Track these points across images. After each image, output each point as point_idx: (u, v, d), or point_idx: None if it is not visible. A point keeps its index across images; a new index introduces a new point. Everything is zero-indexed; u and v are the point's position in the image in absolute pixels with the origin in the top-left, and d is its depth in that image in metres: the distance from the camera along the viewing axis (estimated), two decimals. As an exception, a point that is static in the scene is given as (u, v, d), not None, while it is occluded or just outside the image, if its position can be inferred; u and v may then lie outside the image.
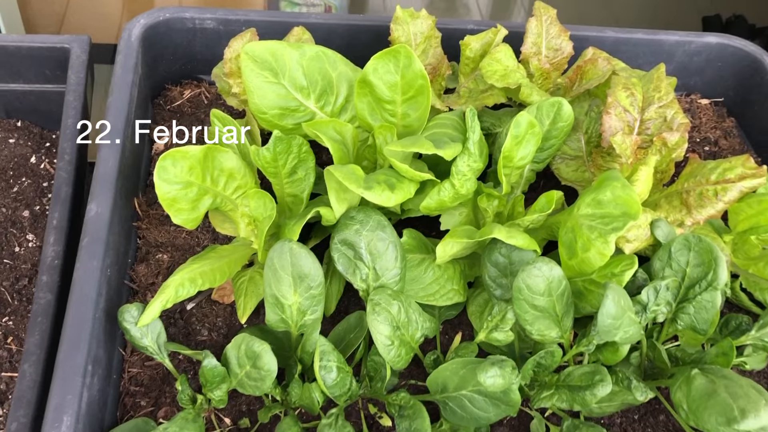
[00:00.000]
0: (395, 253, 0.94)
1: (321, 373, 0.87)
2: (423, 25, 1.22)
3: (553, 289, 0.89)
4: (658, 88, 1.12)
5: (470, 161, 0.94)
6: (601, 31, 1.40)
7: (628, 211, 0.91)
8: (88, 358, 0.84)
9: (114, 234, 0.97)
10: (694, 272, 0.97)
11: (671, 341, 1.05)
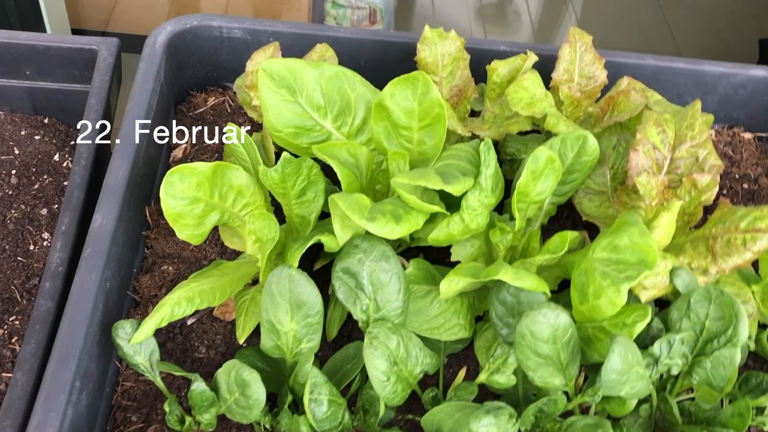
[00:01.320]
0: (398, 286, 0.91)
1: (311, 407, 0.85)
2: (451, 47, 1.19)
3: (558, 337, 0.85)
4: (692, 126, 1.07)
5: (481, 196, 0.91)
6: (640, 59, 1.35)
7: (645, 259, 0.86)
8: (76, 374, 0.83)
9: (117, 246, 0.97)
10: (714, 326, 0.92)
11: (687, 392, 1.00)
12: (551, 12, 3.47)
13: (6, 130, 1.38)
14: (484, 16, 3.53)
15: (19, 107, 1.40)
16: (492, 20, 3.39)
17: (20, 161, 1.34)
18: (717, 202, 1.10)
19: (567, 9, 3.41)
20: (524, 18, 3.34)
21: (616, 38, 3.25)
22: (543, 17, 3.36)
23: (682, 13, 3.40)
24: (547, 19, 3.39)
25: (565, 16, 3.38)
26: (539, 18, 3.35)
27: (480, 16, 3.53)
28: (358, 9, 2.68)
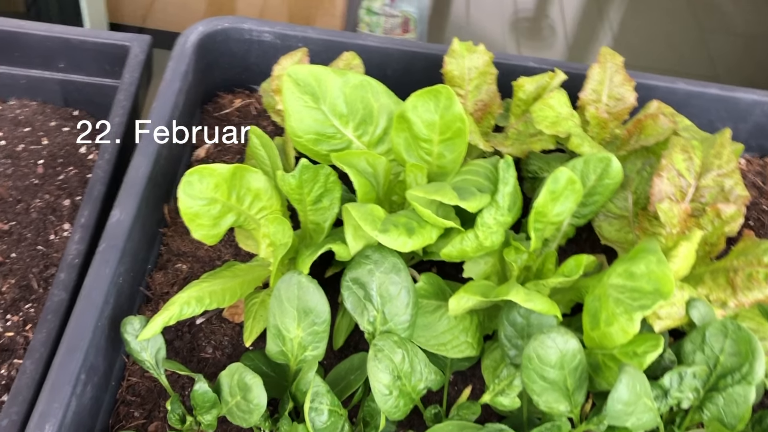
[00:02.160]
0: (407, 299, 0.90)
1: (311, 415, 0.84)
2: (479, 61, 1.18)
3: (566, 363, 0.84)
4: (720, 154, 1.05)
5: (497, 214, 0.90)
6: (672, 83, 1.33)
7: (661, 288, 0.84)
8: (82, 367, 0.83)
9: (133, 242, 0.97)
10: (729, 361, 0.89)
11: (697, 426, 0.98)
12: (587, 28, 3.44)
13: (36, 120, 1.40)
14: (519, 30, 3.51)
15: (51, 99, 1.42)
16: (526, 34, 3.37)
17: (47, 152, 1.36)
18: (741, 234, 1.07)
19: (603, 26, 3.38)
20: (559, 33, 3.32)
21: (653, 59, 3.21)
22: (578, 33, 3.33)
23: (722, 37, 3.34)
24: (582, 35, 3.36)
25: (601, 33, 3.35)
26: (574, 34, 3.32)
27: (514, 29, 3.51)
28: (391, 17, 2.68)
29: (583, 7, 3.54)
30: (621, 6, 3.59)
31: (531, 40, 3.48)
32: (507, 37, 3.48)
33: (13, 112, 1.40)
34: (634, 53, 3.26)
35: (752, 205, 1.31)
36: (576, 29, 3.37)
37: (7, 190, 1.29)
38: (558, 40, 3.33)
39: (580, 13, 3.48)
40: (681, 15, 3.49)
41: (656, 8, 3.58)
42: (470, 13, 3.65)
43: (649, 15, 3.52)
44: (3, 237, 1.23)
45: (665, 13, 3.51)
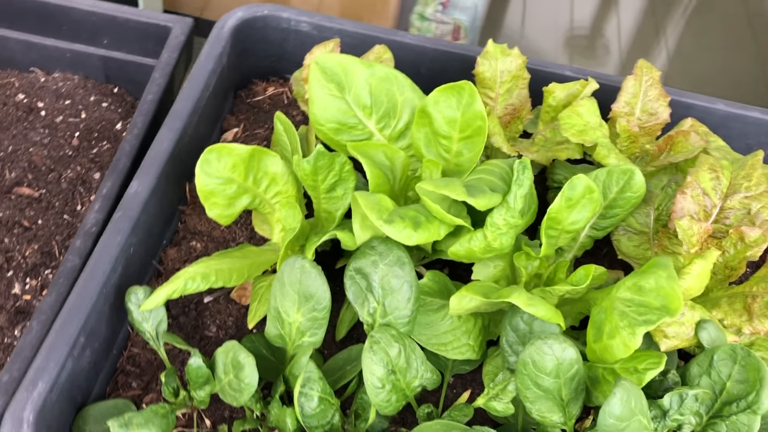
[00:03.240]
0: (409, 294, 0.89)
1: (300, 400, 0.84)
2: (512, 64, 1.17)
3: (561, 372, 0.82)
4: (749, 176, 1.01)
5: (508, 216, 0.88)
6: (711, 102, 1.29)
7: (668, 305, 0.82)
8: (82, 330, 0.85)
9: (148, 214, 0.99)
10: (735, 388, 0.86)
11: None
12: (642, 49, 3.37)
13: (77, 94, 1.44)
14: (573, 46, 3.46)
15: (93, 74, 1.45)
16: (580, 51, 3.32)
17: (84, 125, 1.39)
18: (765, 260, 1.03)
19: (659, 47, 3.32)
20: (613, 52, 3.26)
21: (706, 82, 3.14)
22: (632, 54, 3.27)
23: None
24: (636, 55, 3.30)
25: (656, 54, 3.29)
26: (629, 54, 3.27)
27: (568, 46, 3.47)
28: (442, 24, 2.68)
29: (640, 27, 3.48)
30: (679, 26, 3.52)
31: (584, 57, 3.42)
32: (560, 53, 3.44)
33: (56, 84, 1.44)
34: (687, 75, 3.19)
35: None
36: (631, 49, 3.31)
37: (42, 159, 1.33)
38: (612, 60, 3.28)
39: (636, 33, 3.43)
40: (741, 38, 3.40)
41: (717, 33, 3.49)
42: (525, 26, 3.62)
43: (709, 39, 3.44)
44: (32, 204, 1.26)
45: (726, 40, 3.43)
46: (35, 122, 1.38)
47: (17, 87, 1.43)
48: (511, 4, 3.62)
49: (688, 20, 3.63)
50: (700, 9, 3.63)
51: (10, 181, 1.28)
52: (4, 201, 1.25)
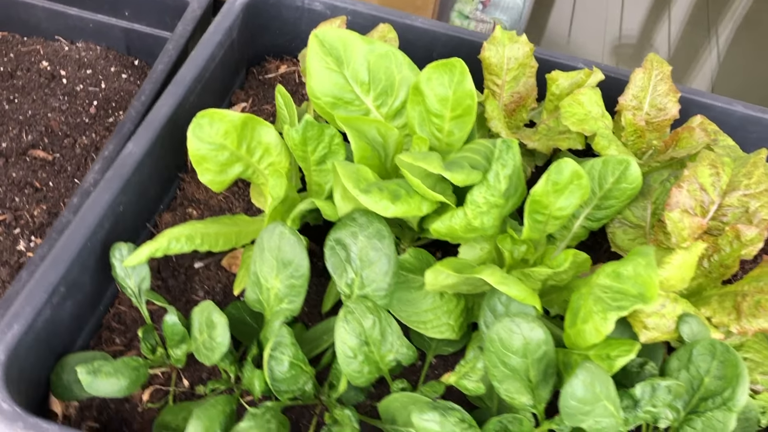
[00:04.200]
0: (386, 267, 0.89)
1: (270, 363, 0.85)
2: (519, 51, 1.16)
3: (529, 352, 0.81)
4: (750, 174, 0.99)
5: (488, 194, 0.87)
6: (729, 104, 1.26)
7: (645, 293, 0.80)
8: (62, 280, 0.87)
9: (142, 176, 1.00)
10: (713, 384, 0.84)
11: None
12: (691, 59, 3.30)
13: (98, 64, 1.47)
14: (619, 54, 3.41)
15: (115, 45, 1.49)
16: (626, 59, 3.27)
17: (103, 95, 1.43)
18: (761, 260, 1.00)
19: (709, 56, 3.24)
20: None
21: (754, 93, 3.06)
22: (681, 64, 3.21)
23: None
24: (685, 66, 3.24)
25: (705, 62, 3.22)
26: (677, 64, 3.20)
27: (615, 53, 3.42)
28: (482, 23, 2.66)
29: (690, 38, 3.41)
30: (729, 38, 3.44)
31: (630, 66, 3.37)
32: (606, 60, 3.39)
33: (78, 54, 1.48)
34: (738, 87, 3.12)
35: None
36: (679, 59, 3.25)
37: (59, 125, 1.36)
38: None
39: (686, 44, 3.36)
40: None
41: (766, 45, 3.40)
42: (572, 31, 3.58)
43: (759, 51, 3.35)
44: (45, 166, 1.30)
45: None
46: (56, 89, 1.42)
47: (42, 54, 1.47)
48: (559, 9, 3.58)
49: (739, 32, 3.54)
50: (750, 21, 3.55)
51: (26, 143, 1.32)
52: (19, 162, 1.29)
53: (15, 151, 1.31)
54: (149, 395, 0.92)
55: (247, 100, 1.28)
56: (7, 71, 1.44)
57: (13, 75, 1.44)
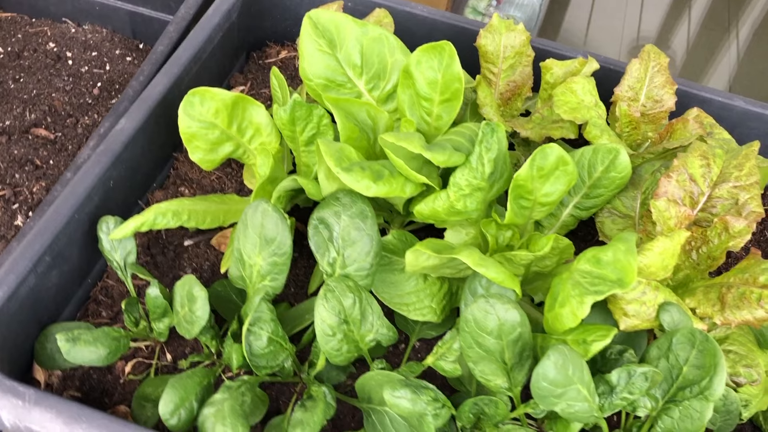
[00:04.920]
0: (369, 248, 0.89)
1: (248, 338, 0.85)
2: (516, 40, 1.16)
3: (504, 333, 0.80)
4: (741, 166, 0.98)
5: (470, 176, 0.87)
6: (729, 98, 1.25)
7: (623, 278, 0.80)
8: (48, 250, 0.88)
9: (134, 153, 1.02)
10: (691, 373, 0.83)
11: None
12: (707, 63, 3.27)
13: (104, 47, 1.49)
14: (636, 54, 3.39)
15: (120, 28, 1.50)
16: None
17: (107, 77, 1.44)
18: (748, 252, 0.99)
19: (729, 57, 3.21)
20: (678, 64, 3.18)
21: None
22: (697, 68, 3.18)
23: None
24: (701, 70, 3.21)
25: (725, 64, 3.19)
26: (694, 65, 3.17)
27: (632, 54, 3.39)
28: (497, 19, 2.65)
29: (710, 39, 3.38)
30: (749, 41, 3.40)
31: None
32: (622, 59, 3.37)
33: (85, 36, 1.49)
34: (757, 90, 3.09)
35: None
36: (696, 63, 3.22)
37: (62, 105, 1.38)
38: (674, 73, 3.19)
39: (705, 45, 3.33)
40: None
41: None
42: (590, 32, 3.56)
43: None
44: (47, 145, 1.31)
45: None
46: (61, 70, 1.44)
47: (49, 36, 1.50)
48: (578, 9, 3.56)
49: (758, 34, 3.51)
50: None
51: (29, 122, 1.34)
52: (21, 140, 1.31)
53: (18, 129, 1.32)
54: (131, 367, 0.93)
55: (246, 84, 1.29)
56: (15, 51, 1.46)
57: (20, 55, 1.46)
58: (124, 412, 0.88)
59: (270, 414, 0.92)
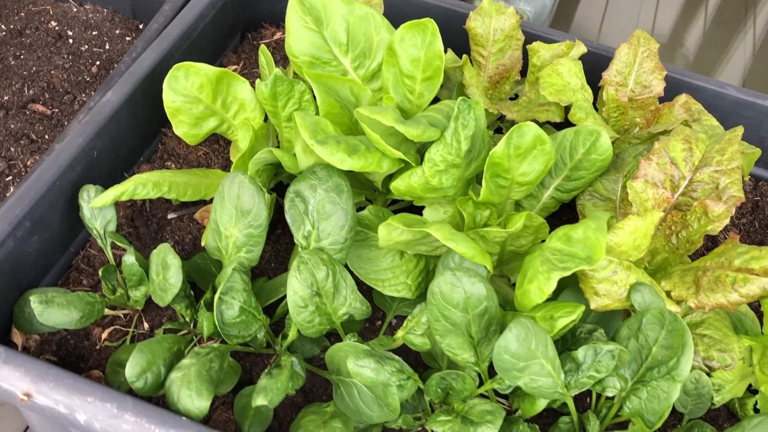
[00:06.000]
0: (343, 222, 0.90)
1: (220, 307, 0.86)
2: (506, 23, 1.16)
3: (470, 306, 0.81)
4: (723, 150, 0.97)
5: (445, 152, 0.87)
6: (722, 87, 1.24)
7: (592, 255, 0.80)
8: (28, 215, 0.89)
9: (119, 125, 1.03)
10: (660, 354, 0.83)
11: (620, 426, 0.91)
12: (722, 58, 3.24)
13: (104, 26, 1.51)
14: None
15: (121, 8, 1.52)
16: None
17: (106, 56, 1.46)
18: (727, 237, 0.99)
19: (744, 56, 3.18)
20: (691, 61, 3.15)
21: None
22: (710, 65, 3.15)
23: None
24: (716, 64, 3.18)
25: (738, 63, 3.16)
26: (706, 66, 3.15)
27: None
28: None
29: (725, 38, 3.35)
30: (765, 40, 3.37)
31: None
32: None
33: (86, 15, 1.51)
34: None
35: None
36: (710, 60, 3.19)
37: (61, 82, 1.40)
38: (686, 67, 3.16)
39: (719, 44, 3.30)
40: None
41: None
42: (603, 29, 3.54)
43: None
44: (43, 120, 1.33)
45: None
46: (62, 48, 1.46)
47: (51, 14, 1.52)
48: (592, 4, 3.54)
49: (775, 34, 3.47)
50: (787, 25, 3.47)
51: (27, 97, 1.36)
52: (18, 115, 1.33)
53: (15, 104, 1.34)
54: (108, 334, 0.94)
55: (239, 64, 1.30)
56: (17, 29, 1.48)
57: (22, 33, 1.48)
58: (97, 377, 0.89)
59: (244, 384, 0.93)
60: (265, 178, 1.00)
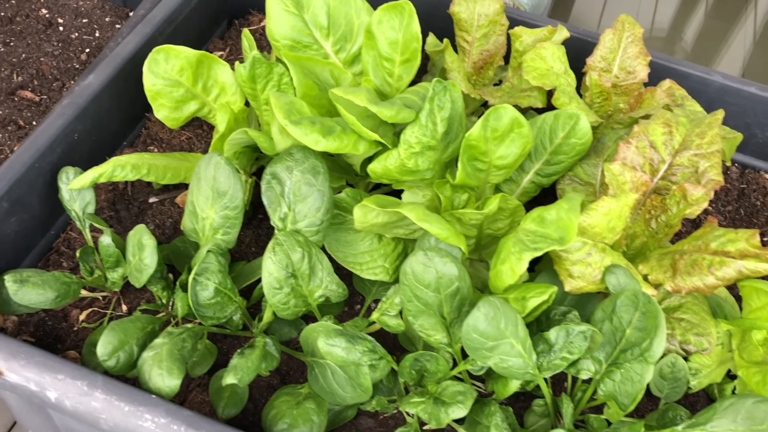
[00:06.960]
0: (319, 204, 0.90)
1: (194, 288, 0.86)
2: (490, 8, 1.15)
3: (442, 287, 0.81)
4: (703, 134, 0.97)
5: (419, 133, 0.87)
6: (707, 73, 1.23)
7: (564, 236, 0.80)
8: (5, 195, 0.90)
9: (100, 108, 1.03)
10: (633, 336, 0.83)
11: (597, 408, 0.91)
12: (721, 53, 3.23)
13: (95, 14, 1.51)
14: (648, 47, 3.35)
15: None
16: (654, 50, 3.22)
17: (96, 43, 1.46)
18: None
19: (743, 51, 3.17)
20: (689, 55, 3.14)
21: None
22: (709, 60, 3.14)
23: None
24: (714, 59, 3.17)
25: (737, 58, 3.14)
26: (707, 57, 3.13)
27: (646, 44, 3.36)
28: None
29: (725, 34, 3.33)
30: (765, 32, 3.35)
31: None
32: (636, 52, 3.33)
33: (76, 3, 1.52)
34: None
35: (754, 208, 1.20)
36: (710, 51, 3.18)
37: (50, 69, 1.40)
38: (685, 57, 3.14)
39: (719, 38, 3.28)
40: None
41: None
42: (602, 23, 3.53)
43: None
44: (31, 107, 1.34)
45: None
46: (51, 35, 1.46)
47: (42, 2, 1.52)
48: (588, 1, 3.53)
49: (775, 29, 3.45)
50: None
51: (16, 84, 1.36)
52: (7, 101, 1.33)
53: (4, 90, 1.35)
54: (86, 316, 0.95)
55: (225, 50, 1.30)
56: (7, 16, 1.49)
57: (12, 20, 1.49)
58: (74, 357, 0.90)
59: (220, 366, 0.93)
60: (245, 162, 1.00)
